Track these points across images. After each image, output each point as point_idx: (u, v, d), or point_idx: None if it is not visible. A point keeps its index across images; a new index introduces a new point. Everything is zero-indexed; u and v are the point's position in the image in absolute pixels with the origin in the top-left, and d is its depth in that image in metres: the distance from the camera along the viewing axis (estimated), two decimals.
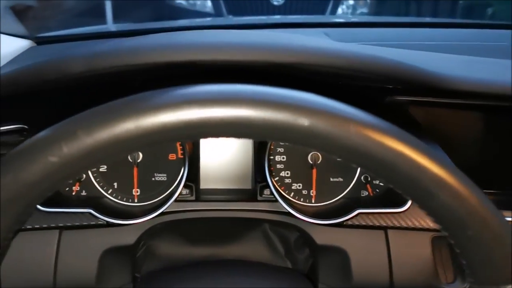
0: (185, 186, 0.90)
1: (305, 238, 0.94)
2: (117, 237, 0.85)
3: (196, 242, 0.95)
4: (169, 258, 0.94)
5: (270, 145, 0.94)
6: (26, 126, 0.84)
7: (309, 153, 0.97)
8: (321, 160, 0.98)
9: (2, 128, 0.83)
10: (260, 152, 0.96)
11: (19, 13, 1.29)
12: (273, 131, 0.42)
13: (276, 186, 0.94)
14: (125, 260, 0.89)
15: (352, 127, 0.42)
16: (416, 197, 0.44)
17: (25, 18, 1.30)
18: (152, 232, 0.91)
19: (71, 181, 0.94)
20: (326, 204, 0.98)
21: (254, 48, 0.63)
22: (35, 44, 1.17)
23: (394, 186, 0.44)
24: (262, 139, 0.43)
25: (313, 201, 0.98)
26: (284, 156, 0.98)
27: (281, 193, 0.93)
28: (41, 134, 0.42)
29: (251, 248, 0.96)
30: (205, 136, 0.43)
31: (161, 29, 1.29)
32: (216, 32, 0.72)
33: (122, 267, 0.89)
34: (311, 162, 0.97)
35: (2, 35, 1.13)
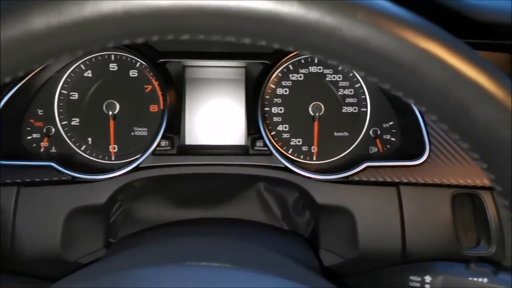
0: (164, 137, 0.78)
1: (305, 199, 0.82)
2: (85, 195, 0.73)
3: (181, 204, 0.84)
4: (150, 222, 0.82)
5: (264, 93, 0.81)
6: None
7: (310, 103, 0.85)
8: (324, 111, 0.85)
9: None
10: (253, 101, 0.83)
11: None
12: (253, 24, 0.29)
13: (272, 139, 0.82)
14: (96, 223, 0.77)
15: (359, 13, 0.29)
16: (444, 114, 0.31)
17: None
18: (130, 192, 0.79)
19: (38, 135, 0.83)
20: (329, 162, 0.86)
21: None
22: None
23: (414, 100, 0.31)
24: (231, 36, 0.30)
25: (314, 158, 0.86)
26: (282, 108, 0.86)
27: (277, 147, 0.82)
28: None
29: (244, 211, 0.84)
30: (181, 32, 0.30)
31: None
32: None
33: (92, 231, 0.77)
34: (312, 114, 0.85)
35: None
